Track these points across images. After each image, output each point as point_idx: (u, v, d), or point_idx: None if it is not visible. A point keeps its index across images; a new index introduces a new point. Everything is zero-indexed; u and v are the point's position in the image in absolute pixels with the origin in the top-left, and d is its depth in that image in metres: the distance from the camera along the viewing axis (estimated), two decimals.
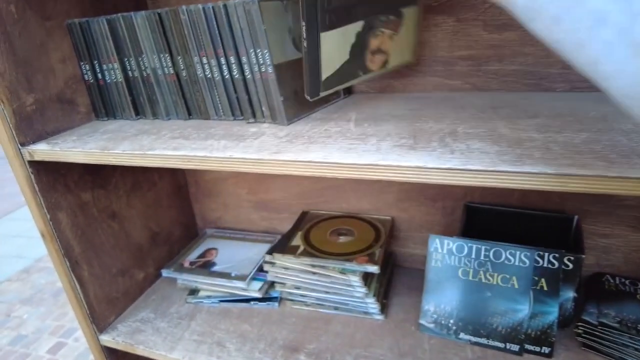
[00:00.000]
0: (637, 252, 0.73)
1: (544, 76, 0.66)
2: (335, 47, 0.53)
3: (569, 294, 0.67)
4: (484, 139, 0.47)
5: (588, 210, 0.72)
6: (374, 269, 0.69)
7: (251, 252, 0.87)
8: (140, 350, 0.74)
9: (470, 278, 0.67)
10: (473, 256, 0.67)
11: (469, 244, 0.67)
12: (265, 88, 0.59)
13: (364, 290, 0.71)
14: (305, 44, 0.50)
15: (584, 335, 0.65)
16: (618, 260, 0.75)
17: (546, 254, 0.64)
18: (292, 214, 0.93)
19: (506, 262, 0.66)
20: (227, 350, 0.71)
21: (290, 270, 0.75)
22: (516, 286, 0.65)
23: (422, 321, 0.71)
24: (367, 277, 0.72)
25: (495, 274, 0.66)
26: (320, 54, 0.52)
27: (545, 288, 0.64)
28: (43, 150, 0.62)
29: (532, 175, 0.39)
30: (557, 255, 0.64)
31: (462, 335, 0.68)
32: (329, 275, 0.72)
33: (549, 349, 0.64)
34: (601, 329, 0.63)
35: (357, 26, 0.55)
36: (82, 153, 0.59)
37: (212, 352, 0.71)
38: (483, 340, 0.67)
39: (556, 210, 0.73)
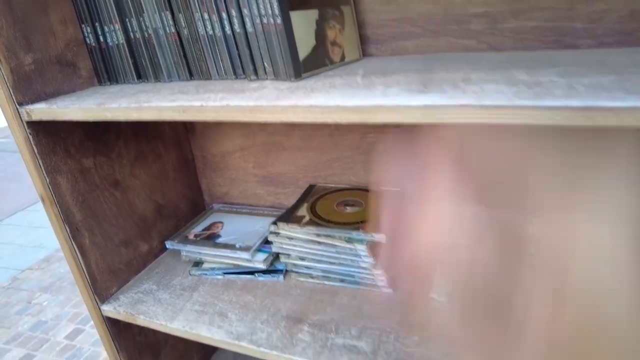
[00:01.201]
0: None
1: (565, 32, 0.61)
2: (303, 28, 0.55)
3: None
4: (500, 83, 0.43)
5: None
6: (380, 237, 0.66)
7: (257, 226, 0.85)
8: (140, 320, 0.72)
9: None
10: None
11: None
12: (268, 41, 0.56)
13: (371, 260, 0.67)
14: (279, 20, 0.52)
15: None
16: None
17: None
18: (298, 188, 0.90)
19: None
20: (229, 320, 0.69)
21: (295, 241, 0.72)
22: None
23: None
24: (374, 248, 0.69)
25: None
26: (293, 31, 0.53)
27: None
28: (41, 109, 0.60)
29: (554, 110, 0.35)
30: None
31: None
32: (335, 245, 0.69)
33: None
34: None
35: (314, 14, 0.58)
36: (78, 109, 0.57)
37: (213, 321, 0.69)
38: None
39: None
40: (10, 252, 2.37)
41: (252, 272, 0.78)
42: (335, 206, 0.76)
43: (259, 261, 0.76)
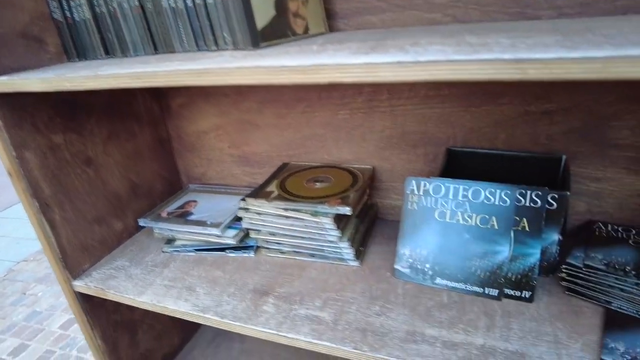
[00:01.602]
0: (631, 197, 0.68)
1: (528, 3, 0.61)
2: None
3: (554, 236, 0.62)
4: (447, 45, 0.43)
5: (578, 152, 0.68)
6: (346, 210, 0.66)
7: (230, 204, 0.85)
8: (110, 295, 0.73)
9: (448, 220, 0.64)
10: (450, 197, 0.64)
11: (447, 184, 0.64)
12: (226, 11, 0.56)
13: (336, 233, 0.68)
14: None
15: (567, 279, 0.61)
16: (611, 207, 0.70)
17: (528, 192, 0.60)
18: (273, 168, 0.91)
19: (485, 201, 0.62)
20: (196, 294, 0.69)
21: (264, 216, 0.72)
22: (496, 227, 0.62)
23: (397, 266, 0.67)
24: (340, 221, 0.69)
25: (474, 215, 0.63)
26: (250, 1, 0.53)
27: (527, 229, 0.60)
28: (2, 81, 0.60)
29: (487, 63, 0.35)
30: (539, 193, 0.60)
31: (438, 280, 0.65)
32: (302, 219, 0.69)
33: (530, 292, 0.61)
34: (586, 272, 0.59)
35: None
36: (38, 80, 0.57)
37: (180, 295, 0.69)
38: (460, 285, 0.63)
39: (544, 152, 0.69)
40: (6, 244, 2.38)
41: (223, 249, 0.79)
42: (304, 182, 0.76)
43: (229, 237, 0.76)
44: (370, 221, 0.81)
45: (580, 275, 0.60)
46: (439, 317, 0.59)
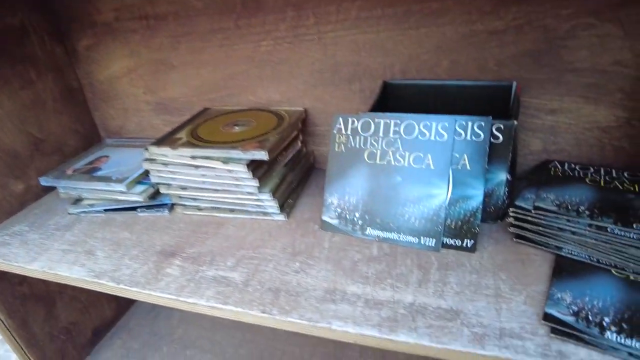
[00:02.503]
0: (589, 130, 0.60)
1: None
2: None
3: (501, 176, 0.54)
4: None
5: (532, 79, 0.58)
6: (261, 154, 0.56)
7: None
8: None
9: (378, 161, 0.55)
10: (381, 134, 0.54)
11: (377, 120, 0.54)
12: None
13: (253, 183, 0.58)
14: None
15: (516, 224, 0.53)
16: (568, 143, 0.61)
17: (469, 123, 0.51)
18: None
19: (420, 137, 0.53)
20: (94, 259, 0.59)
21: (171, 167, 0.62)
22: (432, 166, 0.52)
23: (324, 217, 0.58)
24: (259, 169, 0.59)
25: (407, 154, 0.53)
26: None
27: (468, 167, 0.51)
28: None
29: None
30: (482, 124, 0.50)
31: (369, 231, 0.56)
32: (213, 168, 0.59)
33: (472, 241, 0.52)
34: (536, 214, 0.51)
35: None
36: None
37: (76, 260, 0.59)
38: (393, 236, 0.55)
39: (492, 80, 0.59)
40: None
41: (134, 208, 0.68)
42: (221, 127, 0.66)
43: (137, 194, 0.66)
44: (304, 171, 0.71)
45: (530, 218, 0.52)
46: (365, 272, 0.51)
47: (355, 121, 0.55)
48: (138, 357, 0.90)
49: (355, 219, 0.56)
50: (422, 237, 0.53)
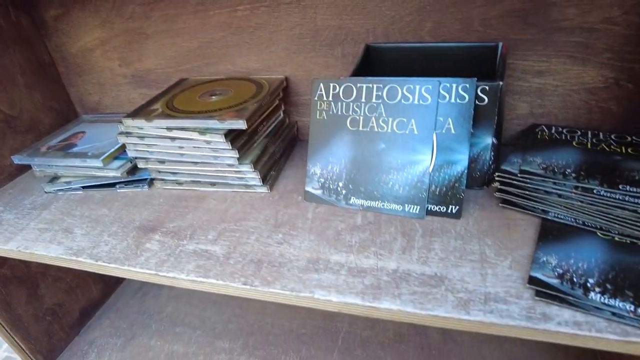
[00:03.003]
0: (577, 92, 0.58)
1: None
2: None
3: (486, 140, 0.52)
4: None
5: (518, 40, 0.56)
6: (239, 123, 0.54)
7: None
8: None
9: (361, 128, 0.53)
10: (363, 99, 0.52)
11: (358, 84, 0.52)
12: None
13: (233, 154, 0.56)
14: None
15: (502, 188, 0.52)
16: (555, 106, 0.60)
17: (454, 85, 0.49)
18: None
19: (403, 101, 0.51)
20: (72, 236, 0.58)
21: (147, 139, 0.59)
22: (415, 131, 0.51)
23: (307, 188, 0.57)
24: (238, 140, 0.57)
25: (390, 119, 0.51)
26: None
27: (453, 131, 0.50)
28: None
29: None
30: (467, 85, 0.49)
31: (353, 200, 0.55)
32: (191, 139, 0.57)
33: (457, 207, 0.51)
34: (522, 178, 0.50)
35: None
36: None
37: (54, 239, 0.58)
38: (377, 204, 0.53)
39: (477, 41, 0.57)
40: None
41: (113, 184, 0.66)
42: (198, 97, 0.63)
43: (114, 169, 0.64)
44: (287, 142, 0.69)
45: (516, 183, 0.51)
46: (349, 241, 0.50)
47: (337, 86, 0.53)
48: (127, 335, 0.89)
49: (339, 188, 0.55)
50: (406, 205, 0.52)
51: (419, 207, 0.52)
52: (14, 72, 0.75)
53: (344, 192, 0.55)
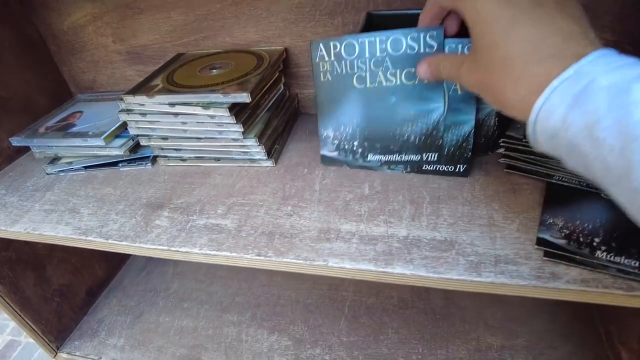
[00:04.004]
0: None
1: None
2: None
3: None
4: None
5: None
6: (243, 96, 0.53)
7: None
8: None
9: (368, 84, 0.52)
10: (367, 55, 0.50)
11: (360, 39, 0.50)
12: None
13: (238, 128, 0.56)
14: None
15: (506, 154, 0.53)
16: None
17: (459, 46, 0.48)
18: None
19: (409, 51, 0.49)
20: (80, 216, 0.58)
21: (150, 116, 0.59)
22: (425, 80, 0.50)
23: (323, 152, 0.57)
24: (242, 114, 0.56)
25: (398, 71, 0.50)
26: None
27: (459, 91, 0.50)
28: None
29: None
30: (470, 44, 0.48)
31: (370, 157, 0.55)
32: (194, 114, 0.56)
33: (465, 166, 0.52)
34: (526, 143, 0.50)
35: None
36: None
37: (61, 219, 0.58)
38: (395, 157, 0.54)
39: None
40: None
41: (115, 163, 0.66)
42: (198, 71, 0.62)
43: (116, 147, 0.63)
44: (289, 115, 0.69)
45: (521, 147, 0.52)
46: (358, 210, 0.50)
47: (338, 45, 0.51)
48: (136, 313, 0.90)
49: (354, 148, 0.55)
50: (424, 154, 0.53)
51: (437, 154, 0.53)
52: (2, 52, 0.72)
53: (360, 150, 0.55)
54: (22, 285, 0.77)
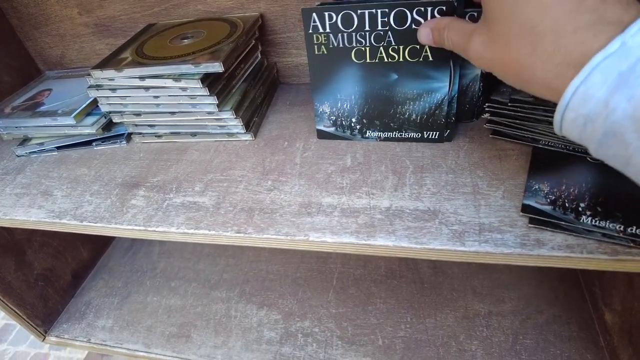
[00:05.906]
0: None
1: None
2: None
3: (476, 70, 0.51)
4: None
5: None
6: (215, 66, 0.51)
7: None
8: None
9: (368, 60, 0.49)
10: (367, 27, 0.47)
11: (359, 11, 0.47)
12: None
13: (212, 100, 0.53)
14: None
15: (492, 119, 0.51)
16: None
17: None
18: None
19: (414, 26, 0.46)
20: (53, 199, 0.55)
21: (120, 91, 0.56)
22: (430, 58, 0.47)
23: (319, 127, 0.55)
24: (216, 85, 0.54)
25: (401, 48, 0.47)
26: None
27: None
28: None
29: None
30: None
31: (369, 133, 0.54)
32: (165, 87, 0.53)
33: (437, 132, 0.51)
34: (512, 107, 0.49)
35: None
36: None
37: (33, 203, 0.55)
38: (395, 135, 0.53)
39: None
40: None
41: (89, 142, 0.63)
42: (168, 42, 0.59)
43: (88, 126, 0.61)
44: (268, 86, 0.66)
45: (506, 112, 0.50)
46: (339, 183, 0.49)
47: (334, 15, 0.47)
48: (123, 294, 0.90)
49: (352, 124, 0.53)
50: (425, 132, 0.52)
51: (438, 132, 0.51)
52: None
53: (358, 126, 0.53)
54: (2, 271, 0.75)
